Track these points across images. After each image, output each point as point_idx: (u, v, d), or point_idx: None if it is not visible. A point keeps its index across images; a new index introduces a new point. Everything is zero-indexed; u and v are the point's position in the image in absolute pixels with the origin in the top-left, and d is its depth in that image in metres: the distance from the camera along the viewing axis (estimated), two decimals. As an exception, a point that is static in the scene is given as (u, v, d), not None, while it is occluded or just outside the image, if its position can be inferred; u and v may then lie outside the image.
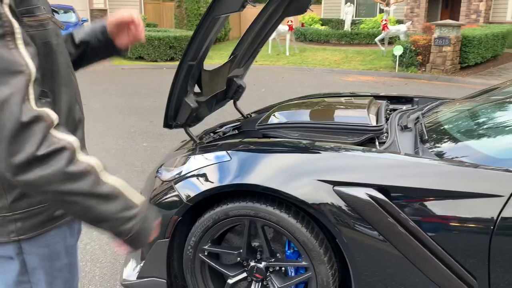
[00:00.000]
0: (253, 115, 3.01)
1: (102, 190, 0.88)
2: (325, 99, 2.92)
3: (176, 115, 2.21)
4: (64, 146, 0.83)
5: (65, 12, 14.06)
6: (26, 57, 0.82)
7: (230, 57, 2.63)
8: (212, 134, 2.67)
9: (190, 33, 13.13)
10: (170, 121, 2.23)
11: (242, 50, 2.68)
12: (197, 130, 2.57)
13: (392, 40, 12.90)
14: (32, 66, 0.83)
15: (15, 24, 0.83)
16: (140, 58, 12.68)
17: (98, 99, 7.23)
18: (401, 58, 10.59)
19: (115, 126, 5.60)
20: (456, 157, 1.66)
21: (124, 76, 10.22)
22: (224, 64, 2.57)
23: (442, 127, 2.02)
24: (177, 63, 12.13)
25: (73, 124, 1.07)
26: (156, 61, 12.58)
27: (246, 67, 2.88)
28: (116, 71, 10.95)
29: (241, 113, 2.96)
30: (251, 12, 10.40)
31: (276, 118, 2.33)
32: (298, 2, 2.62)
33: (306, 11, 2.74)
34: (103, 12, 17.01)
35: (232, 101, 2.84)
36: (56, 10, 14.07)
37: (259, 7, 2.72)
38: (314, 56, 13.84)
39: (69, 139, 0.85)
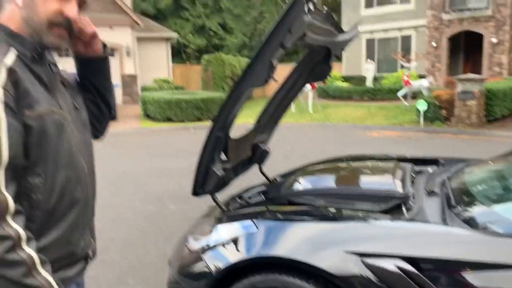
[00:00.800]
0: (278, 179, 3.05)
1: (31, 282, 1.01)
2: (350, 163, 2.95)
3: (204, 183, 2.28)
4: (9, 235, 0.98)
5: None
6: (3, 144, 0.99)
7: (254, 125, 2.74)
8: (238, 200, 2.71)
9: (216, 95, 13.61)
10: (198, 189, 2.29)
11: (266, 117, 2.78)
12: (223, 194, 2.61)
13: (415, 95, 12.98)
14: (5, 153, 0.99)
15: (3, 119, 1.00)
16: (168, 119, 13.10)
17: (127, 162, 7.45)
18: (426, 113, 10.60)
19: (144, 188, 5.72)
20: (486, 225, 1.64)
21: (153, 137, 10.54)
22: (249, 132, 2.67)
23: (469, 191, 2.00)
24: (204, 123, 12.45)
25: (69, 204, 1.17)
26: (183, 122, 12.97)
27: (269, 133, 2.98)
28: (145, 133, 11.33)
29: (266, 177, 3.01)
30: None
31: (301, 184, 2.36)
32: (319, 70, 2.74)
33: (327, 78, 2.86)
34: (133, 77, 17.88)
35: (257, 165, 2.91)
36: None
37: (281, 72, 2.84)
38: (337, 113, 14.01)
39: (19, 230, 1.00)
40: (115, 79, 17.21)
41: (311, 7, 1.95)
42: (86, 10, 1.24)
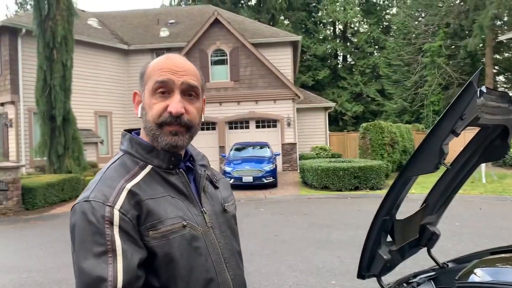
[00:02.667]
0: (450, 264, 2.82)
1: None
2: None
3: (370, 266, 2.26)
4: None
5: (260, 148, 16.02)
6: (119, 271, 0.96)
7: (422, 205, 2.63)
8: (405, 285, 2.58)
9: (375, 163, 13.33)
10: (363, 272, 2.27)
11: (435, 198, 2.66)
12: (387, 278, 2.52)
13: None
14: (120, 281, 0.95)
15: (118, 242, 0.98)
16: (326, 187, 13.23)
17: (287, 231, 7.69)
18: None
19: (304, 260, 5.80)
20: None
21: (311, 206, 10.72)
22: (416, 212, 2.57)
23: None
24: (361, 192, 12.24)
25: None
26: (340, 190, 12.94)
27: (439, 214, 2.81)
28: (303, 201, 11.60)
29: (436, 262, 2.81)
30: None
31: (479, 276, 2.16)
32: (495, 148, 2.55)
33: (504, 157, 2.63)
34: (292, 145, 18.78)
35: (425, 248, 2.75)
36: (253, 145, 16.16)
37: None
38: (517, 184, 12.32)
39: None
40: (277, 148, 18.32)
41: (484, 89, 1.89)
42: (199, 92, 1.20)
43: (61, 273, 5.61)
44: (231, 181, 13.78)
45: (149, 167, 1.12)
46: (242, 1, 37.16)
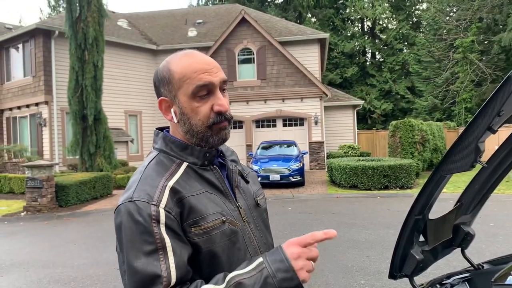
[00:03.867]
0: (485, 266, 2.73)
1: None
2: None
3: (401, 266, 2.21)
4: None
5: (288, 146, 15.97)
6: (172, 267, 0.99)
7: (456, 204, 2.56)
8: (438, 286, 2.52)
9: (405, 161, 13.08)
10: (395, 272, 2.23)
11: (470, 197, 2.58)
12: (419, 279, 2.47)
13: None
14: (173, 276, 0.98)
15: (167, 240, 1.00)
16: (354, 186, 13.07)
17: (315, 230, 7.61)
18: None
19: (333, 259, 5.75)
20: None
21: (339, 205, 10.62)
22: (449, 212, 2.50)
23: None
24: (390, 191, 12.04)
25: None
26: (369, 189, 12.76)
27: (474, 214, 2.73)
28: (330, 200, 11.50)
29: (470, 263, 2.72)
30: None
31: (517, 277, 2.08)
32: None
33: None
34: (320, 144, 18.64)
35: (459, 249, 2.67)
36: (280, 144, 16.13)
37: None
38: (555, 183, 11.83)
39: None
40: (304, 146, 18.23)
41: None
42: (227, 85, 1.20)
43: (94, 269, 5.75)
44: (258, 179, 13.78)
45: (185, 164, 1.15)
46: (269, 0, 37.12)
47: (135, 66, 19.94)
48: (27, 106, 17.64)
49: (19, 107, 18.08)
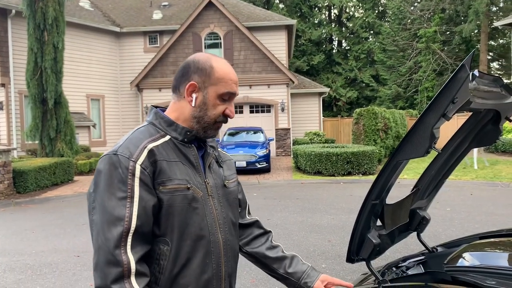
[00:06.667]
0: (439, 249, 2.83)
1: None
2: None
3: (359, 250, 2.25)
4: None
5: (254, 133, 15.99)
6: (134, 215, 1.18)
7: (412, 190, 2.62)
8: (394, 269, 2.59)
9: (368, 148, 13.37)
10: (352, 256, 2.27)
11: (426, 182, 2.65)
12: (377, 262, 2.53)
13: None
14: (134, 222, 1.18)
15: (136, 191, 1.20)
16: (318, 172, 13.27)
17: (279, 215, 7.72)
18: None
19: (295, 244, 5.83)
20: None
21: (303, 190, 10.76)
22: (406, 197, 2.56)
23: None
24: (354, 178, 12.31)
25: (196, 274, 1.29)
26: (333, 175, 12.99)
27: (429, 199, 2.81)
28: (295, 186, 11.64)
29: (425, 246, 2.81)
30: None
31: (467, 260, 2.16)
32: (487, 133, 2.53)
33: (495, 142, 2.62)
34: (286, 131, 18.76)
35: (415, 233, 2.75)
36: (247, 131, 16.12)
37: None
38: (509, 170, 12.42)
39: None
40: (270, 133, 18.29)
41: (477, 73, 1.86)
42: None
43: (52, 256, 5.60)
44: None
45: (167, 137, 1.34)
46: (237, -16, 36.64)
47: (98, 48, 19.32)
48: (-18, 88, 16.81)
49: (-27, 89, 17.20)
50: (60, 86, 14.07)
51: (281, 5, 35.23)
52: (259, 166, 13.80)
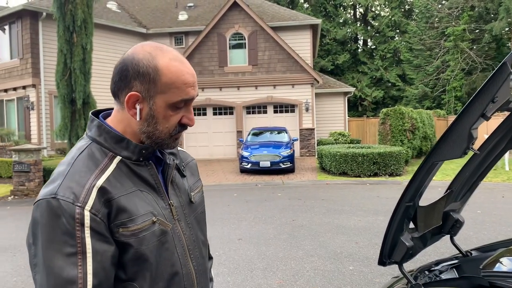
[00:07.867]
0: (473, 253, 2.74)
1: None
2: None
3: (391, 253, 2.20)
4: None
5: (278, 133, 15.94)
6: (89, 273, 0.95)
7: (446, 191, 2.56)
8: (427, 273, 2.53)
9: (395, 149, 13.14)
10: (384, 259, 2.22)
11: (460, 184, 2.58)
12: (409, 265, 2.47)
13: None
14: (89, 283, 0.95)
15: (88, 245, 0.96)
16: (344, 173, 13.13)
17: (304, 216, 7.66)
18: None
19: (322, 245, 5.78)
20: None
21: (329, 191, 10.66)
22: (440, 199, 2.50)
23: None
24: (380, 179, 12.10)
25: None
26: (359, 176, 12.82)
27: (463, 201, 2.73)
28: (320, 186, 11.55)
29: (459, 249, 2.73)
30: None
31: (505, 265, 2.09)
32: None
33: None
34: (310, 131, 18.65)
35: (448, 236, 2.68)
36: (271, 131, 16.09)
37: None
38: (542, 172, 11.99)
39: None
40: (294, 133, 18.21)
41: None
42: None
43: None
44: (248, 165, 13.78)
45: (118, 158, 1.08)
46: (261, -16, 36.67)
47: (125, 49, 19.46)
48: (14, 89, 17.33)
49: (5, 90, 17.75)
50: (88, 87, 14.36)
51: (305, 5, 35.06)
52: (283, 166, 13.75)
